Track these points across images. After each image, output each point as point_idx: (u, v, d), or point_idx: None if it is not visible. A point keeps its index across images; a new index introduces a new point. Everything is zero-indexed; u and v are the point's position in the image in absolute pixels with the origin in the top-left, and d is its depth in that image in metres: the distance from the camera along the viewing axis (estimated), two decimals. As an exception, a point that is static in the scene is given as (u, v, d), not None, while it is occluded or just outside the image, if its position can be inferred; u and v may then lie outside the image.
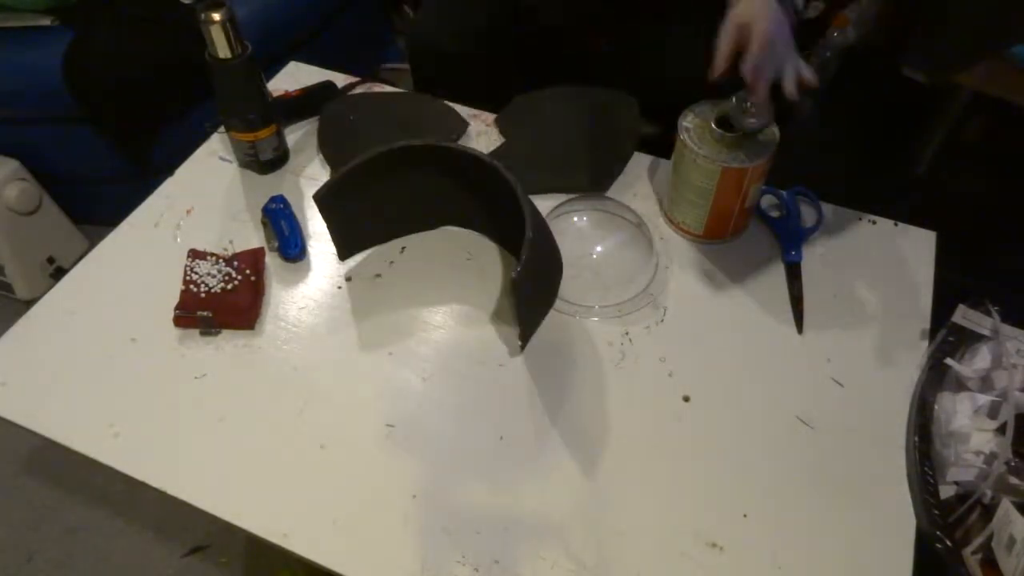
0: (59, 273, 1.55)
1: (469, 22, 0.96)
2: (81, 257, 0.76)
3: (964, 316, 0.65)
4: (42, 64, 1.33)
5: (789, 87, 0.62)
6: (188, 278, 0.69)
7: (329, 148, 0.85)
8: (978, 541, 0.54)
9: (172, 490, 0.58)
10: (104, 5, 1.38)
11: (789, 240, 0.74)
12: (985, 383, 0.61)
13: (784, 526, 0.56)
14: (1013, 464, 0.55)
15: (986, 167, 1.39)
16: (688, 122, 0.71)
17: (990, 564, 0.53)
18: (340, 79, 0.93)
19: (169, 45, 1.35)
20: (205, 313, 0.67)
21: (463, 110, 0.89)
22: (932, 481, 0.57)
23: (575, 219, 0.76)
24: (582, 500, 0.58)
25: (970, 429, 0.58)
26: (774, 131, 0.69)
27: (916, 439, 0.59)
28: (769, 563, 0.55)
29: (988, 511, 0.56)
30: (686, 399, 0.64)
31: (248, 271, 0.70)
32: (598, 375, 0.65)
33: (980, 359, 0.62)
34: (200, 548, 1.23)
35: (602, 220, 0.76)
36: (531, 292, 0.65)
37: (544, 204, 0.77)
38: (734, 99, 0.66)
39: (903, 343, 0.67)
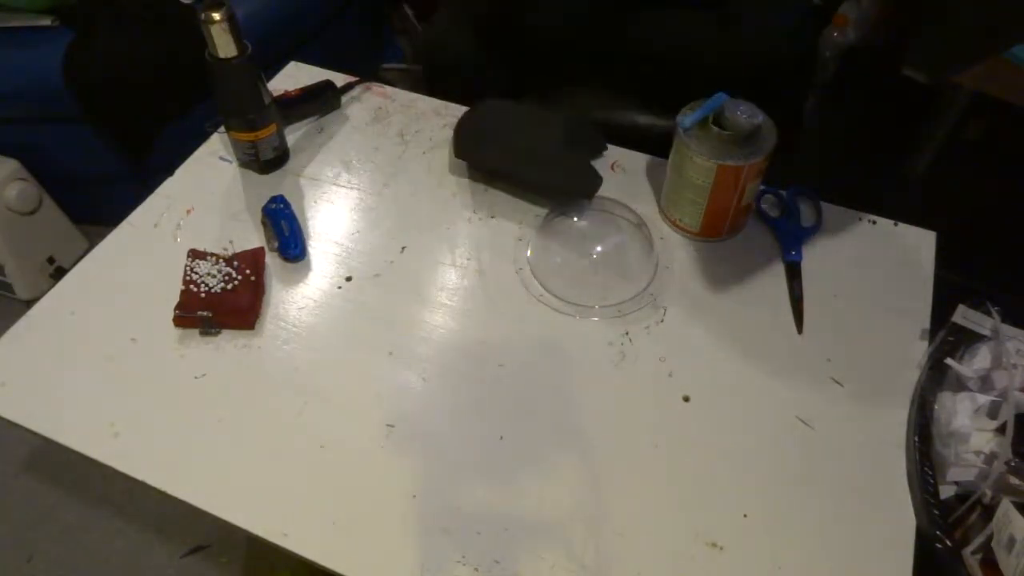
0: (59, 273, 1.55)
1: (480, 22, 0.96)
2: (81, 257, 0.76)
3: (964, 316, 0.65)
4: (42, 64, 1.33)
5: None
6: (188, 278, 0.69)
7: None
8: (978, 541, 0.54)
9: (172, 490, 0.58)
10: (104, 5, 1.38)
11: (789, 240, 0.74)
12: (985, 383, 0.61)
13: (784, 526, 0.56)
14: (1013, 464, 0.55)
15: (986, 167, 1.39)
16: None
17: (990, 564, 0.53)
18: (340, 79, 0.93)
19: (169, 45, 1.35)
20: (205, 313, 0.67)
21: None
22: (932, 481, 0.57)
23: (575, 219, 0.76)
24: (582, 500, 0.58)
25: (970, 429, 0.58)
26: (772, 130, 0.69)
27: (916, 439, 0.59)
28: (769, 563, 0.55)
29: (988, 511, 0.56)
30: (686, 399, 0.64)
31: (248, 271, 0.70)
32: (598, 375, 0.65)
33: (980, 359, 0.62)
34: (200, 548, 1.23)
35: (602, 220, 0.76)
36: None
37: (543, 205, 0.77)
38: (725, 100, 0.66)
39: (903, 343, 0.67)
